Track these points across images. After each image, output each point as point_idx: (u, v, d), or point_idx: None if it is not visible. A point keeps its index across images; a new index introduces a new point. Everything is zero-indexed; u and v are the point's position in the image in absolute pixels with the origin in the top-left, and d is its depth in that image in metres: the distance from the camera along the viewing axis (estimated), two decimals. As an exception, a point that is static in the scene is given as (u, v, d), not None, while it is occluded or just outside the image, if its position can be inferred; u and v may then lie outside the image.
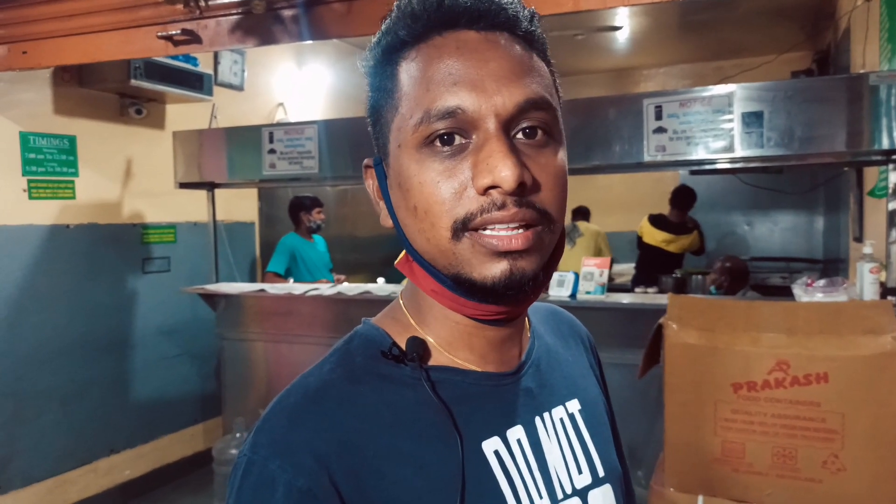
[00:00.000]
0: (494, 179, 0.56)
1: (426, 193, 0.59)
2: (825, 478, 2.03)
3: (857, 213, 3.99)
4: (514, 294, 0.60)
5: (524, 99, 0.59)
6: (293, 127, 3.64)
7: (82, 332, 3.71)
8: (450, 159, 0.59)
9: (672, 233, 5.38)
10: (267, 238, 4.94)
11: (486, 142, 0.58)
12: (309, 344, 3.61)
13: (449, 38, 0.60)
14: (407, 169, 0.60)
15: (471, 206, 0.58)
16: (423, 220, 0.60)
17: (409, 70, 0.61)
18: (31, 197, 3.47)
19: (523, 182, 0.57)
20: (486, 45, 0.60)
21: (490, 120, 0.58)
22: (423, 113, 0.59)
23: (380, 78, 0.65)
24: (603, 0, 2.08)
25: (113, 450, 3.89)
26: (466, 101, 0.58)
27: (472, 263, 0.59)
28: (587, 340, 0.87)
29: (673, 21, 5.67)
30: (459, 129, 0.58)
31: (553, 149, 0.61)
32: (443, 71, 0.59)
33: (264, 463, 0.58)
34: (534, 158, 0.59)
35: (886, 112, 2.52)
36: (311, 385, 0.63)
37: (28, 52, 2.86)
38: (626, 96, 3.68)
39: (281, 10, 2.44)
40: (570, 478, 0.70)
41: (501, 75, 0.58)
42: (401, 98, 0.61)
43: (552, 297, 3.10)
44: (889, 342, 1.97)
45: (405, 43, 0.62)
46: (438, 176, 0.59)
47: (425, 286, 0.65)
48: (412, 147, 0.60)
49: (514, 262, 0.58)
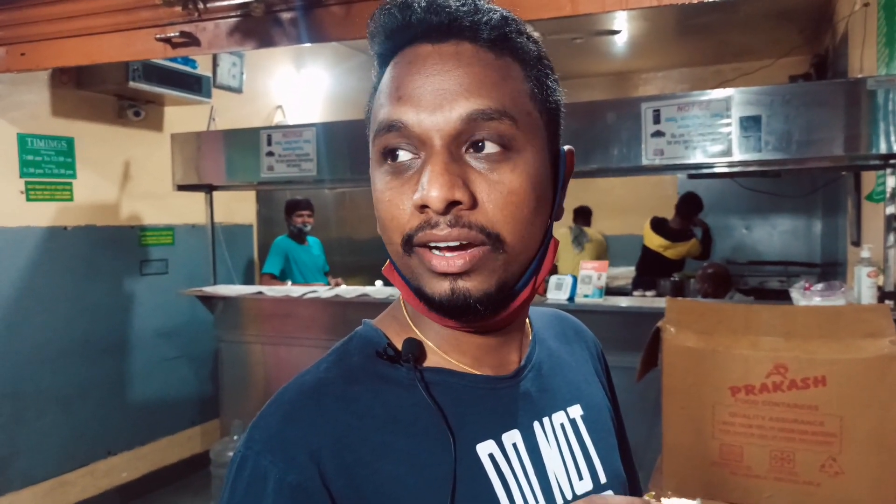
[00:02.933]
0: (423, 198, 0.56)
1: (381, 208, 0.61)
2: (823, 481, 2.03)
3: (855, 217, 3.99)
4: (461, 313, 0.60)
5: (468, 112, 0.57)
6: (291, 129, 3.64)
7: (80, 335, 3.70)
8: (400, 175, 0.59)
9: (670, 239, 5.38)
10: (265, 240, 4.93)
11: (428, 159, 0.58)
12: (306, 346, 3.61)
13: (407, 54, 0.61)
14: (374, 181, 0.63)
15: (412, 223, 0.58)
16: (384, 232, 0.62)
17: (380, 86, 0.63)
18: (28, 199, 3.47)
19: (453, 201, 0.56)
20: (437, 57, 0.59)
21: (433, 135, 0.57)
22: (376, 126, 0.60)
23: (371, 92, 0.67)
24: (601, 4, 2.08)
25: (111, 452, 3.88)
26: (406, 116, 0.58)
27: (424, 277, 0.60)
28: (594, 347, 0.87)
29: (672, 25, 5.68)
30: (407, 144, 0.59)
31: (512, 163, 0.58)
32: (392, 86, 0.60)
33: (257, 458, 0.58)
34: (484, 175, 0.58)
35: (884, 116, 2.53)
36: (307, 383, 0.64)
37: (26, 54, 2.86)
38: (624, 100, 3.69)
39: (279, 13, 2.44)
40: (570, 484, 0.69)
41: (446, 88, 0.57)
42: (371, 110, 0.64)
43: (550, 301, 3.10)
44: (887, 346, 1.97)
45: (380, 60, 0.64)
46: (389, 191, 0.60)
47: (403, 294, 0.66)
48: (375, 160, 0.62)
49: (455, 283, 0.58)
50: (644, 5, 2.06)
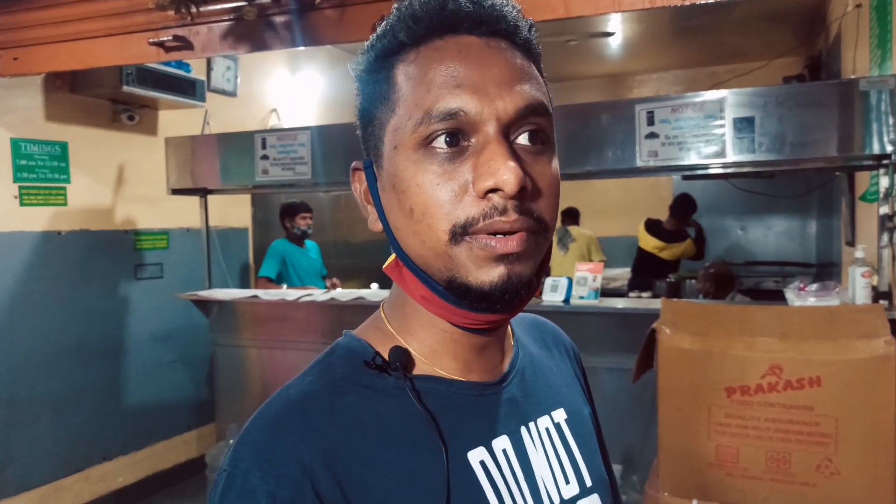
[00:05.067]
0: (497, 182, 0.56)
1: (424, 195, 0.58)
2: (819, 482, 2.03)
3: (850, 218, 4.01)
4: (510, 299, 0.59)
5: (525, 104, 0.59)
6: (286, 133, 3.63)
7: (75, 339, 3.69)
8: (449, 162, 0.58)
9: (664, 240, 5.40)
10: (260, 244, 4.92)
11: (486, 145, 0.57)
12: (302, 350, 3.60)
13: (450, 42, 0.60)
14: (404, 171, 0.60)
15: (471, 211, 0.57)
16: (419, 223, 0.59)
17: (407, 72, 0.61)
18: (22, 203, 3.46)
19: (524, 186, 0.57)
20: (488, 50, 0.60)
21: (491, 123, 0.58)
22: (423, 114, 0.58)
23: (374, 81, 0.64)
24: (595, 6, 2.09)
25: (106, 457, 3.86)
26: (469, 104, 0.57)
27: (469, 268, 0.58)
28: (571, 350, 0.87)
29: (666, 27, 5.69)
30: (460, 131, 0.58)
31: (549, 156, 0.61)
32: (445, 73, 0.58)
33: (245, 476, 0.56)
34: (532, 164, 0.59)
35: (877, 117, 2.53)
36: (293, 396, 0.62)
37: (19, 59, 2.85)
38: (618, 102, 3.69)
39: (273, 17, 2.44)
40: (557, 488, 0.69)
41: (503, 80, 0.59)
42: (398, 100, 0.61)
43: (546, 303, 3.10)
44: (882, 346, 1.97)
45: (403, 45, 0.62)
46: (437, 178, 0.58)
47: (415, 292, 0.65)
48: (410, 148, 0.59)
49: (511, 266, 0.58)
50: (637, 7, 2.06)
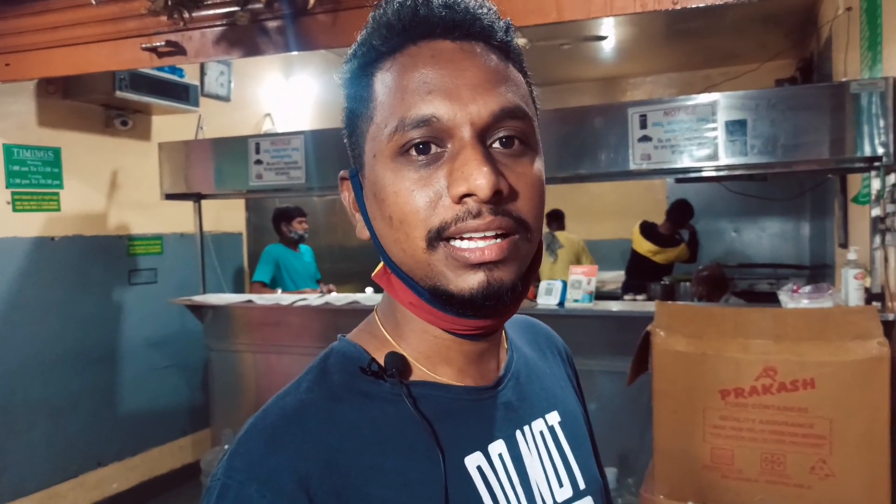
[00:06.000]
0: (469, 187, 0.56)
1: (401, 203, 0.58)
2: (814, 483, 2.04)
3: (842, 220, 4.02)
4: (493, 305, 0.59)
5: (499, 108, 0.58)
6: (280, 137, 3.63)
7: (69, 345, 3.68)
8: (425, 168, 0.58)
9: (658, 244, 5.41)
10: (255, 248, 4.91)
11: (461, 150, 0.57)
12: (297, 354, 3.60)
13: (424, 48, 0.60)
14: (382, 178, 0.60)
15: (445, 215, 0.57)
16: (398, 230, 0.59)
17: (384, 80, 0.61)
18: (14, 209, 3.45)
19: (499, 190, 0.56)
20: (461, 54, 0.60)
21: (465, 128, 0.57)
22: (397, 122, 0.58)
23: (355, 89, 0.64)
24: (587, 10, 2.10)
25: (101, 462, 3.85)
26: (441, 110, 0.57)
27: (448, 276, 0.58)
28: (564, 352, 0.87)
29: (659, 30, 5.71)
30: (434, 137, 0.58)
31: (530, 158, 0.61)
32: (417, 80, 0.58)
33: (240, 487, 0.55)
34: (510, 167, 0.59)
35: (868, 119, 2.55)
36: (289, 405, 0.61)
37: (11, 65, 2.85)
38: (611, 105, 3.70)
39: (266, 22, 2.44)
40: (550, 491, 0.69)
41: (476, 84, 0.58)
42: (375, 108, 0.61)
43: (541, 306, 3.10)
44: (875, 347, 1.98)
45: (381, 53, 0.62)
46: (413, 185, 0.58)
47: (403, 299, 0.65)
48: (387, 156, 0.59)
49: (491, 273, 0.58)
50: (629, 11, 2.07)
